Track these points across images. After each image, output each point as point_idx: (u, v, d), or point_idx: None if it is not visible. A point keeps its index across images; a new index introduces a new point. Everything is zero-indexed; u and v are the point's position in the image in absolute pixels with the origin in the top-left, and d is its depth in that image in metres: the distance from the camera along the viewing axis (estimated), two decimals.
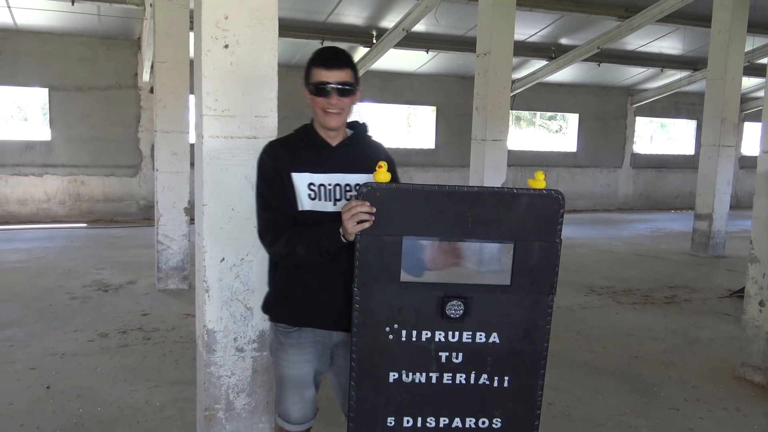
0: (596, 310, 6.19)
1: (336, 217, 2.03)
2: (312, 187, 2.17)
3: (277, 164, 2.19)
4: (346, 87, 2.16)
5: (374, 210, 1.92)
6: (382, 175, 1.98)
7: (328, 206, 2.17)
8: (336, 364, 2.34)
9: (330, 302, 2.19)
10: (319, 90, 2.15)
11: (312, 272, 2.19)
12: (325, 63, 2.16)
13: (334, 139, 2.24)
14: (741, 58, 8.98)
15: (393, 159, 2.33)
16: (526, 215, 1.97)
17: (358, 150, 2.27)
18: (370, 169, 2.16)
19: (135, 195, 11.67)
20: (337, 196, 2.18)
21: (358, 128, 2.31)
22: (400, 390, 2.05)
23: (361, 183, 2.09)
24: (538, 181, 2.00)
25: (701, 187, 9.32)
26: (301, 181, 2.17)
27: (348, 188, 2.20)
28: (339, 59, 2.17)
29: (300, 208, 2.17)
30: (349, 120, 2.30)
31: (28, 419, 3.52)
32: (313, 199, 2.17)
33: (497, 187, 2.01)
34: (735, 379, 4.41)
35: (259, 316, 2.61)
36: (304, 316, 2.24)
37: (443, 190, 1.96)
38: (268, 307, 2.37)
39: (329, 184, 2.18)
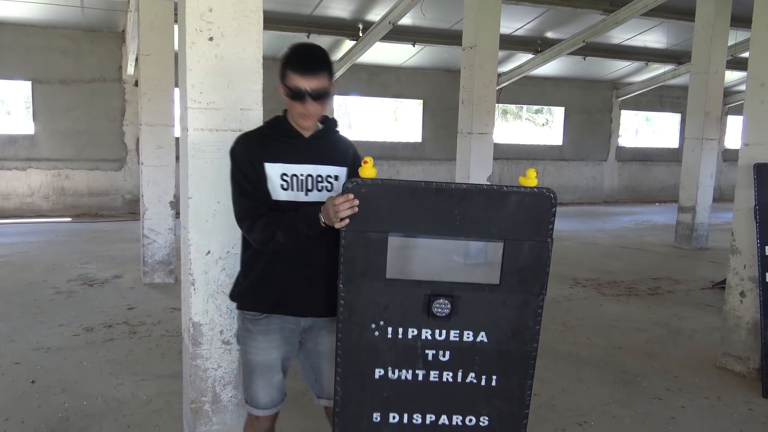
0: (581, 301, 6.25)
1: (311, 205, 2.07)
2: (285, 177, 2.19)
3: (249, 154, 2.19)
4: (322, 93, 2.15)
5: (357, 202, 1.90)
6: (368, 170, 1.93)
7: (300, 196, 2.20)
8: (305, 347, 2.36)
9: (297, 290, 2.23)
10: (295, 95, 2.14)
11: (280, 260, 2.21)
12: (300, 69, 2.12)
13: (306, 131, 2.25)
14: (724, 52, 9.06)
15: (359, 155, 2.34)
16: (516, 214, 1.92)
17: (329, 143, 2.30)
18: (339, 162, 2.25)
19: (120, 189, 11.58)
20: (309, 187, 2.21)
21: (329, 123, 2.32)
22: (386, 386, 2.04)
23: (332, 174, 2.14)
24: (530, 178, 1.94)
25: (685, 180, 9.41)
26: (274, 171, 2.19)
27: (320, 179, 2.22)
28: (315, 65, 2.13)
29: (274, 198, 2.19)
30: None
31: (13, 414, 3.51)
32: (286, 189, 2.19)
33: (486, 185, 1.96)
34: (716, 368, 4.48)
35: None
36: (272, 304, 2.26)
37: (430, 186, 1.92)
38: (236, 295, 2.39)
39: (302, 175, 2.20)
